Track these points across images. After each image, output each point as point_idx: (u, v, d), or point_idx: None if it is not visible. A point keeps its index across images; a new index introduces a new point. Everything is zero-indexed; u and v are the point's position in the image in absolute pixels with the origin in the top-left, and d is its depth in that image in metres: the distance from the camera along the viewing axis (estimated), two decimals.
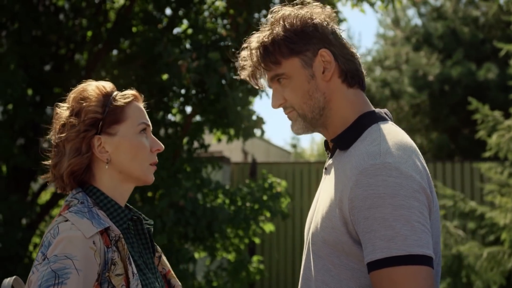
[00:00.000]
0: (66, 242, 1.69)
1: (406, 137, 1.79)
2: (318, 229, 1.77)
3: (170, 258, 5.94)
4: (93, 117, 1.84)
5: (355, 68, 1.83)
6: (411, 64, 13.60)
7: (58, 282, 1.65)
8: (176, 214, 5.84)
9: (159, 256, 1.97)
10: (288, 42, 1.79)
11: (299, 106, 1.82)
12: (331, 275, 1.74)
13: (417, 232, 1.62)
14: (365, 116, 1.81)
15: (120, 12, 7.36)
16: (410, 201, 1.63)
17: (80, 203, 1.80)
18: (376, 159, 1.66)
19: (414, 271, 1.60)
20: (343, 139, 1.80)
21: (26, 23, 6.75)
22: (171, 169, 6.22)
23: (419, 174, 1.68)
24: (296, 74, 1.80)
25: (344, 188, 1.70)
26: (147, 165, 1.89)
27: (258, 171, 10.30)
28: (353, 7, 7.82)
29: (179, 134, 6.64)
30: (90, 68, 7.18)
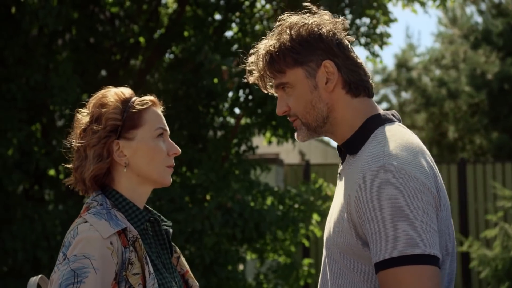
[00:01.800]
0: (84, 243, 1.76)
1: (413, 138, 1.81)
2: (331, 234, 1.81)
3: (218, 259, 6.03)
4: (113, 124, 1.91)
5: (359, 79, 1.85)
6: (469, 62, 13.34)
7: (77, 280, 1.73)
8: (224, 216, 5.92)
9: (178, 257, 2.03)
10: (293, 53, 1.83)
11: (302, 115, 1.86)
12: (345, 279, 1.77)
13: (422, 232, 1.63)
14: (371, 120, 1.83)
15: (172, 17, 7.52)
16: (414, 201, 1.64)
17: (99, 205, 1.87)
18: (380, 161, 1.69)
19: (418, 270, 1.61)
20: (351, 144, 1.83)
21: (82, 31, 6.98)
22: (220, 172, 6.31)
23: (424, 175, 1.69)
24: (299, 84, 1.84)
25: (351, 192, 1.73)
26: (163, 168, 1.95)
27: (311, 172, 10.30)
28: (404, 7, 7.74)
29: (228, 136, 6.73)
30: (143, 73, 7.37)
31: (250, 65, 1.92)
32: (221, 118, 7.08)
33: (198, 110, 6.76)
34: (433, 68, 14.89)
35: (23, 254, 5.88)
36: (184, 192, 6.31)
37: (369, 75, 1.89)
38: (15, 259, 5.99)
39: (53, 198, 6.67)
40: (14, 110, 6.07)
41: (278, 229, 6.41)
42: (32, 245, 5.89)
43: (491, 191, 9.25)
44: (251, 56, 1.92)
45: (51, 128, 6.75)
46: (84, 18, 7.06)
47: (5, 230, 6.00)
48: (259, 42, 1.91)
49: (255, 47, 1.91)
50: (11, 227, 5.99)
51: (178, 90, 6.70)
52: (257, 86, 1.95)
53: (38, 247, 5.88)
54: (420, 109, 15.52)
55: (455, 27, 15.11)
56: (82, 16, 7.10)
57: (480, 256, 7.58)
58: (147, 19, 7.58)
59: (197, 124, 6.79)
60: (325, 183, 6.95)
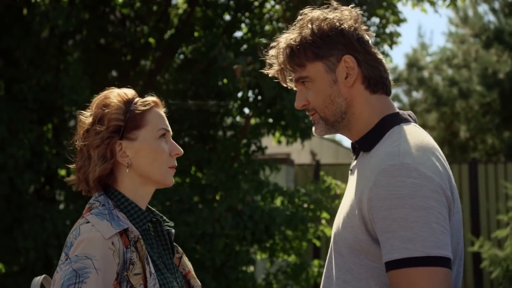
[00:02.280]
0: (86, 243, 1.78)
1: (428, 138, 1.80)
2: (340, 229, 1.81)
3: (229, 261, 6.04)
4: (116, 124, 1.92)
5: (379, 75, 1.85)
6: (481, 62, 13.27)
7: (78, 281, 1.75)
8: (234, 218, 5.94)
9: (180, 257, 2.04)
10: (314, 47, 1.83)
11: (321, 110, 1.86)
12: (352, 274, 1.77)
13: (436, 233, 1.63)
14: (387, 118, 1.83)
15: (182, 18, 7.55)
16: (428, 201, 1.64)
17: (101, 205, 1.88)
18: (395, 160, 1.68)
19: (432, 272, 1.61)
20: (366, 141, 1.84)
21: (92, 31, 7.02)
22: (229, 172, 6.33)
23: (439, 175, 1.69)
24: (319, 78, 1.84)
25: (363, 189, 1.73)
26: (166, 169, 1.96)
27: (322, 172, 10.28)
28: (413, 7, 7.72)
29: (238, 136, 6.75)
30: (153, 73, 7.40)
31: (271, 58, 1.92)
32: (230, 118, 7.09)
33: (207, 110, 6.78)
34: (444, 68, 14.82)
35: (34, 253, 5.93)
36: (194, 192, 6.33)
37: (388, 72, 1.89)
38: (27, 258, 6.05)
39: (64, 198, 6.71)
40: (25, 110, 6.12)
41: (288, 229, 6.42)
42: (43, 244, 5.94)
43: (502, 191, 9.20)
44: (271, 49, 1.92)
45: (62, 129, 6.80)
46: (94, 19, 7.10)
47: (17, 230, 6.06)
48: (280, 35, 1.91)
49: (276, 41, 1.91)
50: (22, 227, 6.04)
51: (187, 90, 6.73)
52: (277, 79, 1.95)
53: (49, 246, 5.93)
54: (431, 108, 15.45)
55: (467, 26, 15.04)
56: (92, 17, 7.14)
57: (491, 256, 7.56)
58: (157, 19, 7.61)
59: (206, 124, 6.82)
60: (334, 182, 6.95)
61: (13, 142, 5.91)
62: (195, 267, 5.90)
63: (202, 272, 5.86)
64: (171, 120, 6.62)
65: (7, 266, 6.64)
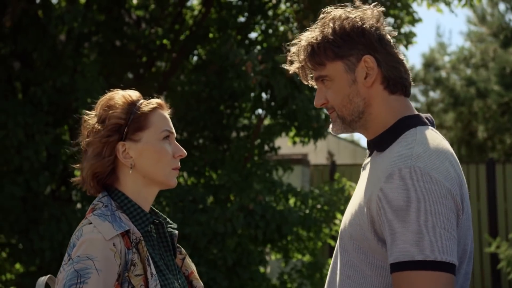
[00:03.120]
0: (87, 244, 1.80)
1: (444, 143, 1.80)
2: (347, 225, 1.82)
3: (241, 260, 6.06)
4: (115, 122, 1.94)
5: (399, 76, 1.85)
6: (499, 61, 13.16)
7: (80, 281, 1.77)
8: (246, 218, 5.95)
9: (183, 258, 2.06)
10: (334, 46, 1.83)
11: (339, 109, 1.86)
12: (356, 271, 1.78)
13: (442, 238, 1.63)
14: (404, 120, 1.83)
15: (196, 19, 7.58)
16: (437, 206, 1.64)
17: (104, 206, 1.90)
18: (407, 163, 1.69)
19: (434, 276, 1.61)
20: (381, 140, 1.84)
21: (108, 33, 7.08)
22: (242, 172, 6.35)
23: (450, 181, 1.69)
24: (338, 78, 1.85)
25: (374, 188, 1.74)
26: (169, 170, 1.97)
27: (337, 173, 10.27)
28: (429, 7, 7.69)
29: (251, 137, 6.76)
30: (168, 75, 7.44)
31: (292, 55, 1.93)
32: (243, 119, 7.11)
33: (221, 111, 6.81)
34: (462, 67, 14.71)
35: (50, 253, 5.99)
36: (208, 193, 6.36)
37: (409, 73, 1.89)
38: (43, 258, 6.11)
39: (80, 198, 6.78)
40: (41, 113, 6.18)
41: (301, 229, 6.42)
42: (59, 245, 6.00)
43: None
44: (293, 46, 1.93)
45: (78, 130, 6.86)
46: (110, 21, 7.16)
47: (33, 230, 6.12)
48: (302, 33, 1.92)
49: (298, 38, 1.92)
50: (38, 228, 6.11)
51: (201, 91, 6.76)
52: (298, 76, 1.96)
53: (65, 246, 5.98)
54: (449, 108, 15.35)
55: (485, 25, 14.92)
56: (108, 19, 7.20)
57: (508, 257, 7.51)
58: (172, 21, 7.65)
59: (220, 125, 6.84)
60: (348, 183, 6.94)
61: (29, 144, 5.97)
62: (208, 266, 5.96)
63: (214, 271, 5.88)
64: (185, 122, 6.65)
65: (24, 266, 6.71)
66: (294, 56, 1.92)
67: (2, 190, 5.94)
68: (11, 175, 6.05)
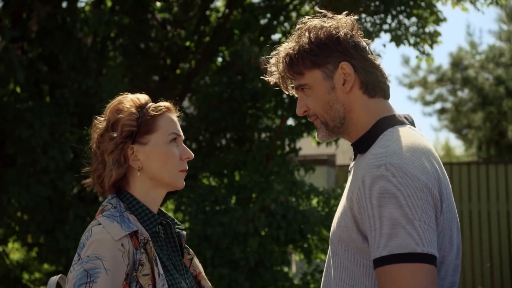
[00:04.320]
0: (97, 244, 1.85)
1: (420, 140, 1.84)
2: (335, 228, 1.87)
3: (263, 260, 6.09)
4: (128, 130, 1.99)
5: (376, 80, 1.90)
6: None
7: (89, 280, 1.82)
8: (267, 218, 5.98)
9: (191, 259, 2.10)
10: (311, 55, 1.88)
11: (321, 115, 1.92)
12: (347, 272, 1.81)
13: (419, 230, 1.66)
14: (382, 121, 1.88)
15: (219, 21, 7.63)
16: (413, 200, 1.68)
17: (113, 207, 1.95)
18: (382, 160, 1.73)
19: (413, 268, 1.64)
20: (362, 143, 1.89)
21: (133, 36, 7.17)
22: (264, 173, 6.38)
23: (426, 175, 1.72)
24: (317, 85, 1.90)
25: (354, 189, 1.78)
26: (176, 172, 2.01)
27: None
28: (453, 6, 7.64)
29: (273, 138, 6.79)
30: (192, 77, 7.50)
31: (271, 66, 1.98)
32: (267, 119, 7.14)
33: (242, 112, 6.84)
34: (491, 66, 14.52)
35: (75, 253, 6.08)
36: (230, 194, 6.40)
37: (386, 76, 1.94)
38: (68, 257, 6.22)
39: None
40: (67, 114, 6.28)
41: (324, 229, 6.42)
42: None
43: None
44: (272, 58, 1.98)
45: None
46: (134, 23, 7.24)
47: (59, 230, 6.23)
48: (281, 44, 1.97)
49: (276, 50, 1.97)
50: (64, 227, 6.21)
51: (223, 92, 6.80)
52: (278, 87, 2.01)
53: None
54: (477, 108, 15.17)
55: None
56: (132, 22, 7.28)
57: None
58: (196, 23, 7.71)
59: (242, 126, 6.88)
60: None
61: (55, 145, 6.08)
62: (230, 267, 6.00)
63: (236, 272, 5.92)
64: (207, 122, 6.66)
65: (51, 266, 6.83)
66: (274, 67, 1.97)
67: (28, 190, 6.06)
68: (37, 175, 6.17)
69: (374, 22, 7.39)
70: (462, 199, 9.17)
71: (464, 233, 8.99)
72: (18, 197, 6.05)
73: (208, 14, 7.87)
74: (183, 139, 2.10)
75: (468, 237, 9.03)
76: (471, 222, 9.09)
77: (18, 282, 7.52)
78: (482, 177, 9.27)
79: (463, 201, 9.16)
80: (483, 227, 9.15)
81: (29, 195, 6.05)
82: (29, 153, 6.18)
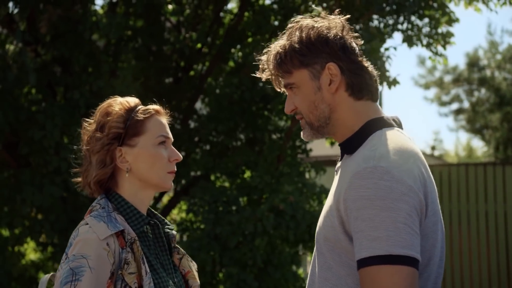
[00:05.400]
0: (82, 243, 1.90)
1: (408, 144, 1.85)
2: (321, 228, 1.89)
3: (272, 260, 6.12)
4: (115, 131, 2.03)
5: (363, 82, 1.92)
6: None
7: (75, 278, 1.86)
8: (276, 218, 6.01)
9: (181, 258, 2.14)
10: (299, 54, 1.91)
11: (306, 115, 1.94)
12: (332, 272, 1.84)
13: (402, 233, 1.68)
14: (371, 123, 1.90)
15: (231, 23, 7.68)
16: (397, 203, 1.69)
17: (101, 208, 2.00)
18: (370, 163, 1.75)
19: (394, 270, 1.66)
20: (349, 144, 1.91)
21: (146, 38, 7.24)
22: (274, 174, 6.41)
23: (413, 179, 1.74)
24: (304, 85, 1.93)
25: (341, 190, 1.80)
26: (164, 173, 2.05)
27: None
28: (466, 6, 7.62)
29: (283, 139, 6.81)
30: (205, 78, 7.55)
31: (263, 64, 2.01)
32: (278, 121, 7.17)
33: (253, 114, 6.88)
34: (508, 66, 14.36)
35: None
36: (241, 194, 6.44)
37: (374, 79, 1.96)
38: None
39: None
40: (78, 116, 6.37)
41: None
42: None
43: None
44: (263, 55, 2.01)
45: None
46: (147, 26, 7.31)
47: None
48: (272, 42, 2.00)
49: (268, 47, 2.00)
50: None
51: (233, 94, 6.85)
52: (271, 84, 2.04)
53: None
54: (494, 108, 15.02)
55: None
56: (147, 24, 7.36)
57: None
58: (210, 25, 7.76)
59: (252, 127, 6.92)
60: None
61: (67, 145, 6.17)
62: (239, 267, 6.03)
63: (244, 271, 5.96)
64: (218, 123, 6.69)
65: None
66: (265, 64, 2.00)
67: (42, 190, 6.15)
68: (50, 176, 6.26)
69: (387, 23, 7.40)
70: (478, 200, 9.11)
71: (480, 234, 8.94)
72: (31, 197, 6.15)
73: (222, 15, 7.92)
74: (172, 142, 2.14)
75: (484, 238, 8.97)
76: (487, 223, 9.03)
77: (33, 281, 7.64)
78: (498, 178, 9.20)
79: (479, 202, 9.10)
80: (499, 228, 9.08)
81: (42, 195, 6.14)
82: (42, 154, 6.28)
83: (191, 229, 6.57)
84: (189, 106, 7.53)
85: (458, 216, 8.94)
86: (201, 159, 6.97)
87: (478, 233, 8.87)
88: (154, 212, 2.15)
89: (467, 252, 8.69)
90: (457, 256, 8.76)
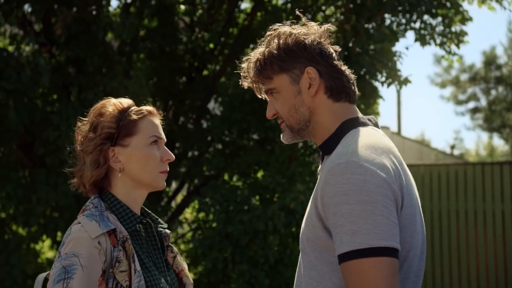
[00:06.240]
0: (74, 242, 1.95)
1: (382, 139, 1.91)
2: (303, 227, 1.94)
3: (283, 258, 6.15)
4: (108, 132, 2.08)
5: (341, 85, 1.98)
6: None
7: (67, 277, 1.91)
8: (287, 217, 6.04)
9: (174, 256, 2.18)
10: (278, 60, 1.98)
11: (286, 118, 2.00)
12: (316, 270, 1.88)
13: (380, 225, 1.72)
14: (346, 123, 1.96)
15: (244, 23, 7.72)
16: (373, 196, 1.73)
17: (94, 207, 2.05)
18: (343, 158, 1.80)
19: (375, 262, 1.70)
20: (327, 145, 1.97)
21: (159, 39, 7.30)
22: (286, 174, 6.43)
23: (386, 171, 1.78)
24: (284, 89, 1.98)
25: (318, 188, 1.86)
26: (157, 173, 2.10)
27: None
28: (480, 5, 7.57)
29: None
30: (217, 78, 7.60)
31: (244, 72, 2.07)
32: None
33: (265, 113, 6.90)
34: None
35: None
36: (253, 194, 6.48)
37: (352, 82, 2.02)
38: None
39: None
40: None
41: None
42: None
43: None
44: (244, 63, 2.07)
45: None
46: (160, 26, 7.38)
47: None
48: (252, 50, 2.06)
49: (248, 55, 2.06)
50: None
51: (245, 93, 6.89)
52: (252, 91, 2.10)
53: None
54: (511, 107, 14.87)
55: None
56: (160, 24, 7.42)
57: None
58: (223, 25, 7.81)
59: (264, 126, 6.95)
60: None
61: None
62: (250, 264, 6.07)
63: (255, 270, 5.99)
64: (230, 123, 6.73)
65: None
66: (246, 72, 2.06)
67: (56, 189, 6.24)
68: (64, 175, 6.35)
69: (400, 22, 7.39)
70: (495, 199, 9.04)
71: (496, 233, 8.87)
72: (46, 196, 6.24)
73: (236, 15, 7.96)
74: (164, 142, 2.18)
75: (500, 238, 8.90)
76: (504, 223, 8.96)
77: None
78: None
79: (495, 201, 9.03)
80: None
81: (57, 193, 6.23)
82: (57, 154, 6.36)
83: (203, 228, 6.62)
84: (202, 106, 7.58)
85: (474, 215, 8.89)
86: (213, 158, 7.02)
87: (494, 233, 8.81)
88: (148, 211, 2.20)
89: (483, 251, 8.64)
90: (473, 255, 8.71)
